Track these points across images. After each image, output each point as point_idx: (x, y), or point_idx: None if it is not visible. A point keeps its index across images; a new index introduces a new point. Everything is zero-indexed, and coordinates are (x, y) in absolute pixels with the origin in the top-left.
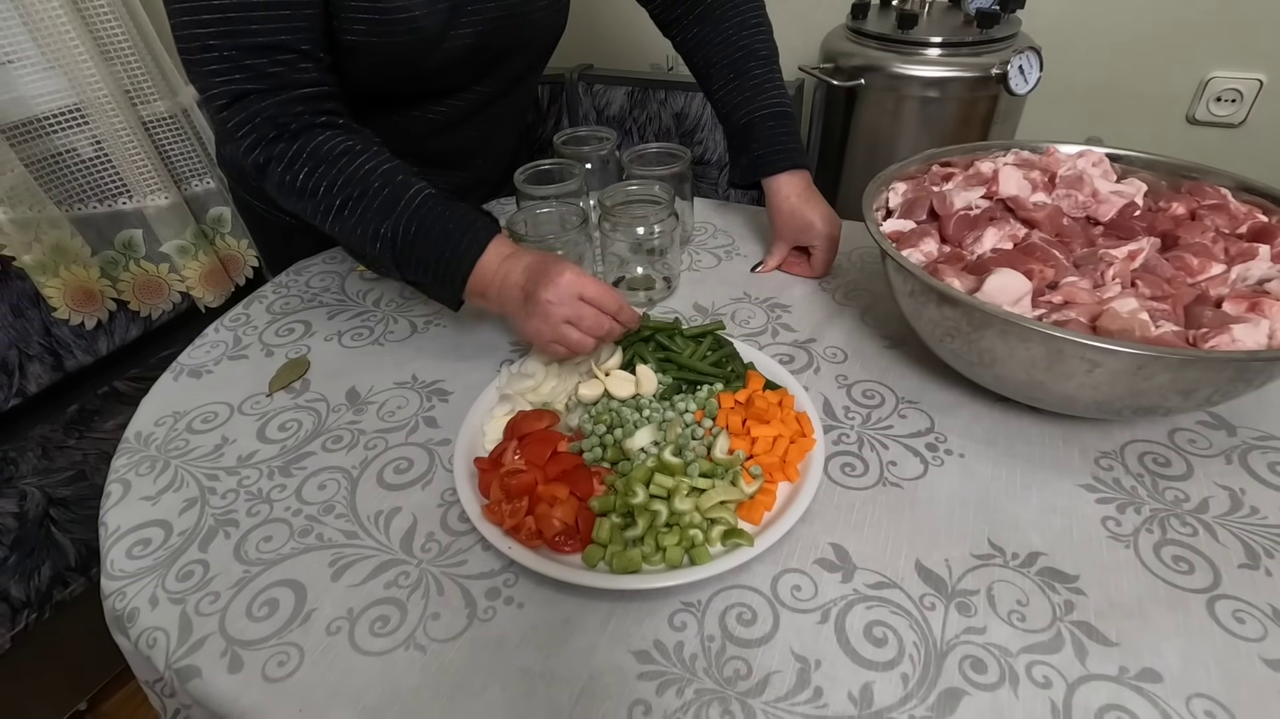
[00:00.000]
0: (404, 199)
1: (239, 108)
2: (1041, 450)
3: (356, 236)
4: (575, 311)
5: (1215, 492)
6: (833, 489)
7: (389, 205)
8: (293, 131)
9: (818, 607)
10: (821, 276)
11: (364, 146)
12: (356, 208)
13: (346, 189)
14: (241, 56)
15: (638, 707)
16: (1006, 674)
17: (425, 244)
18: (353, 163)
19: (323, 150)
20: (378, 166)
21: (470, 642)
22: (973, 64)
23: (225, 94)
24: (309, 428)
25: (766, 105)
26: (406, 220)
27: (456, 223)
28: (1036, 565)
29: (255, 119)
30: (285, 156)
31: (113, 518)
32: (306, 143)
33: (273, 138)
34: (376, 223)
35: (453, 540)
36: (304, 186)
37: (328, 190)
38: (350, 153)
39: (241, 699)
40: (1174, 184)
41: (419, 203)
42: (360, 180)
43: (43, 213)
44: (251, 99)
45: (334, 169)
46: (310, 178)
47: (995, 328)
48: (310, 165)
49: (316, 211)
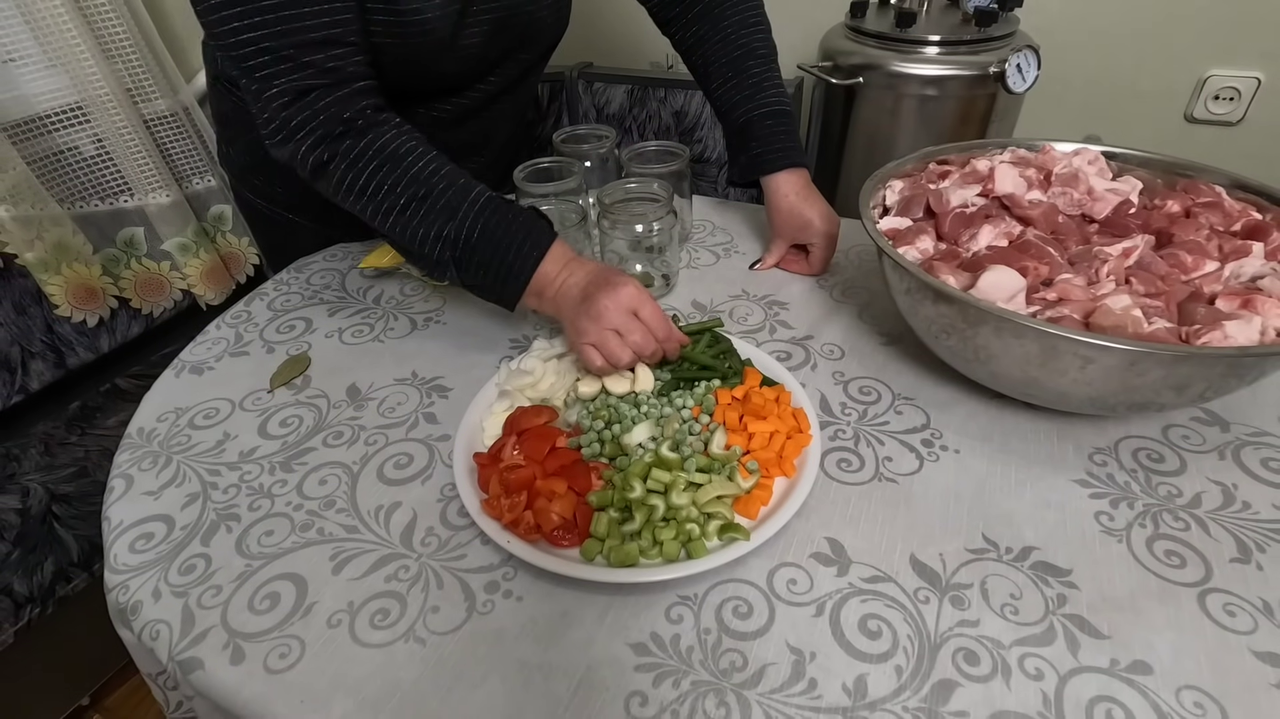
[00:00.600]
0: (468, 201)
1: (303, 105)
2: (1036, 446)
3: (418, 237)
4: (626, 324)
5: (1208, 487)
6: (829, 484)
7: (453, 206)
8: (359, 128)
9: (813, 600)
10: (819, 274)
11: (425, 147)
12: (420, 208)
13: (411, 188)
14: (300, 54)
15: (634, 698)
16: (999, 666)
17: (488, 246)
18: (417, 163)
19: (389, 149)
20: (440, 168)
21: (469, 634)
22: (971, 62)
23: (289, 90)
24: (310, 424)
25: (765, 104)
26: (471, 222)
27: (520, 225)
28: (1030, 559)
29: (320, 115)
30: (351, 154)
31: (116, 512)
32: (374, 140)
33: (339, 134)
34: (441, 223)
35: (452, 535)
36: (367, 185)
37: (391, 189)
38: (414, 153)
39: (243, 691)
40: (1169, 182)
41: (482, 204)
42: (425, 180)
43: (44, 211)
44: (314, 96)
45: (399, 168)
46: (375, 176)
47: (990, 324)
48: (377, 163)
49: (378, 211)
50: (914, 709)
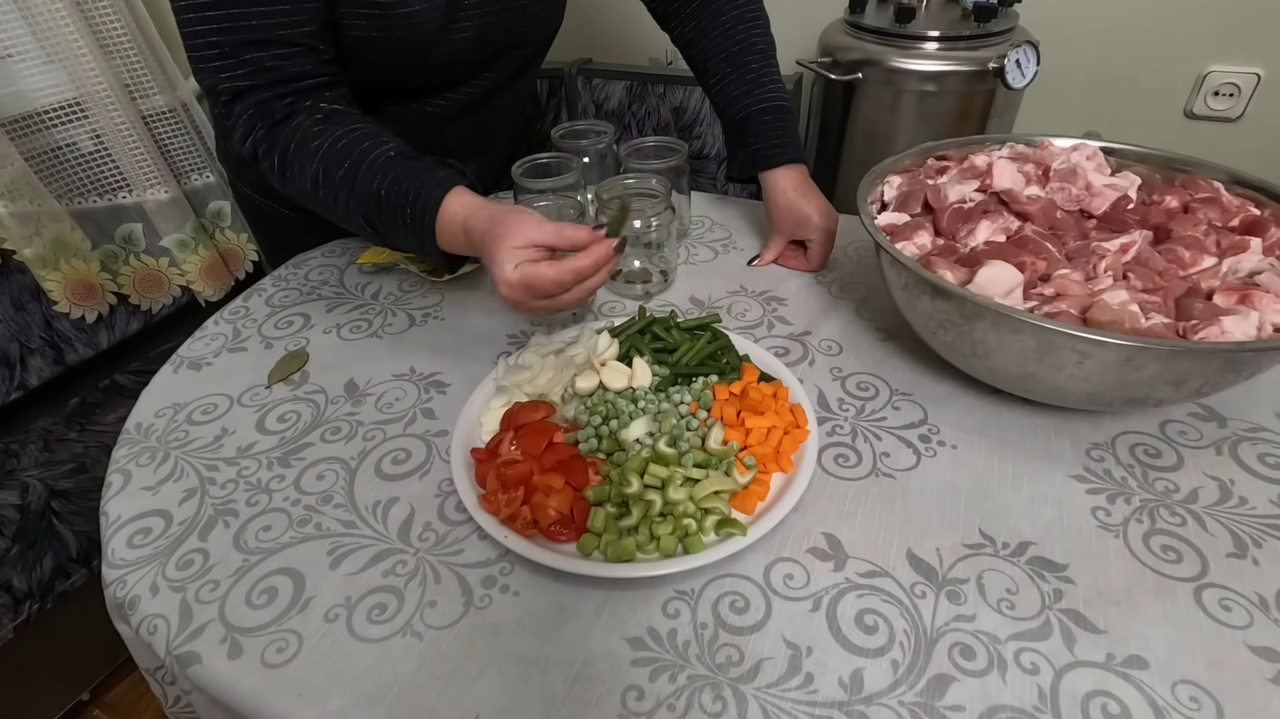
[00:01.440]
0: (361, 168)
1: (237, 102)
2: (1033, 442)
3: (339, 214)
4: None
5: (1205, 482)
6: (826, 480)
7: (351, 176)
8: (277, 119)
9: (810, 595)
10: (818, 270)
11: (339, 123)
12: (327, 183)
13: (312, 166)
14: (241, 51)
15: (631, 692)
16: (995, 661)
17: (391, 207)
18: (325, 140)
19: (299, 133)
20: (341, 138)
21: (466, 628)
22: (970, 58)
23: (227, 90)
24: (308, 419)
25: (764, 99)
26: (374, 186)
27: (415, 178)
28: (1026, 555)
29: (249, 111)
30: (264, 144)
31: (114, 507)
32: (284, 128)
33: (258, 127)
34: (346, 194)
35: (449, 530)
36: (283, 171)
37: (299, 171)
38: (317, 128)
39: (241, 685)
40: (1168, 177)
41: (380, 164)
42: (326, 154)
43: (43, 206)
44: (250, 94)
45: (303, 148)
46: (284, 160)
47: (987, 320)
48: (283, 149)
49: (305, 195)
50: (910, 703)
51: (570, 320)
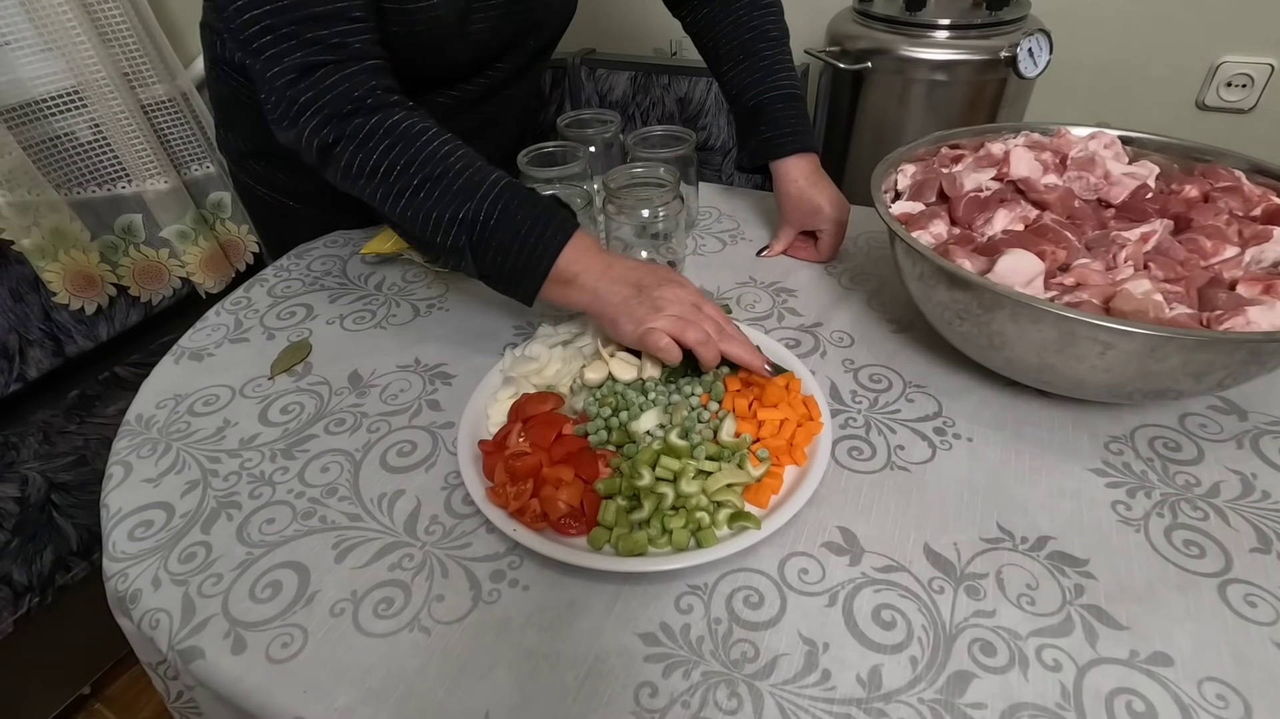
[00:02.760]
0: (488, 182)
1: (309, 84)
2: (1050, 435)
3: (432, 219)
4: (693, 314)
5: (1226, 476)
6: (840, 473)
7: (470, 187)
8: (369, 107)
9: (825, 590)
10: (828, 261)
11: (439, 128)
12: (434, 189)
13: (426, 168)
14: (303, 30)
15: (644, 688)
16: (1016, 657)
17: (508, 228)
18: (431, 143)
19: (401, 128)
20: (457, 149)
21: (475, 624)
22: (981, 46)
23: (293, 68)
24: (311, 411)
25: (776, 87)
26: (491, 203)
27: (543, 210)
28: (1046, 549)
29: (328, 95)
30: (360, 133)
31: (114, 500)
32: (385, 119)
33: (347, 113)
34: (457, 205)
35: (457, 523)
36: (378, 165)
37: (404, 170)
38: (428, 133)
39: (245, 680)
40: (1186, 167)
41: (502, 187)
42: (440, 160)
43: (41, 196)
44: (321, 73)
45: (412, 148)
46: (387, 156)
47: (1006, 309)
48: (389, 142)
49: (389, 193)
50: (930, 701)
51: None
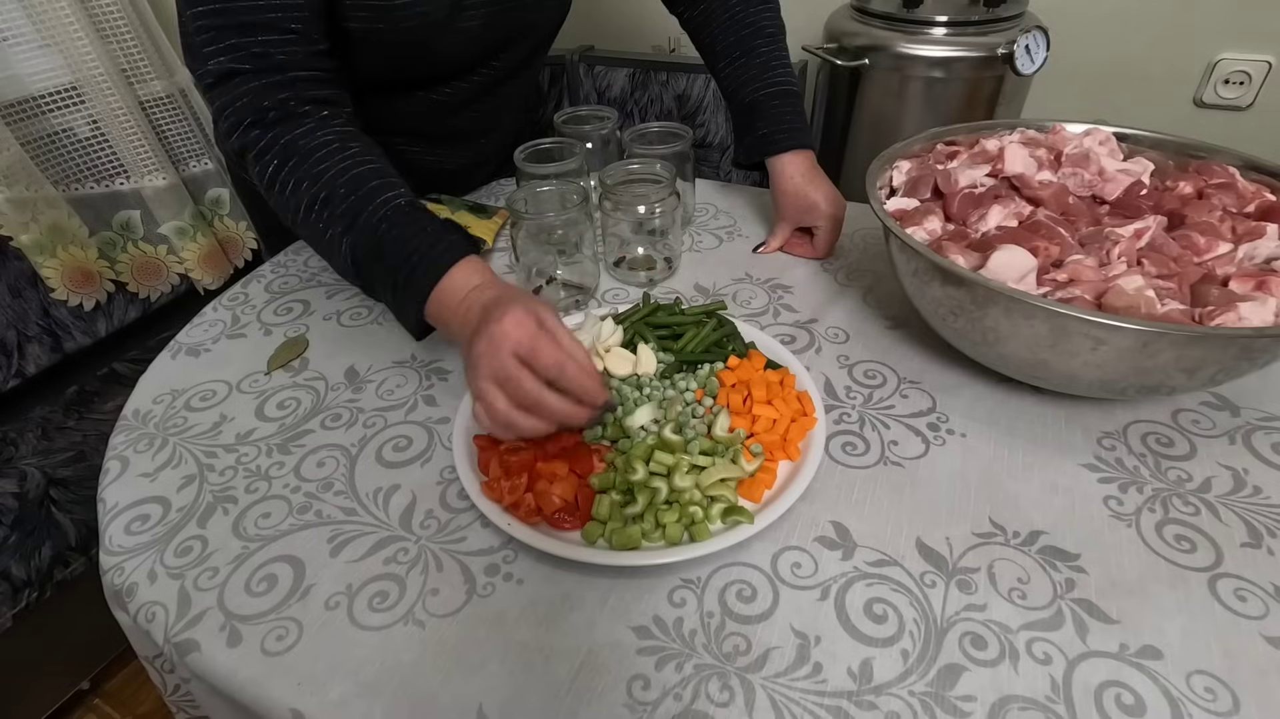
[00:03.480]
0: (370, 208)
1: (224, 89)
2: (1044, 430)
3: (323, 244)
4: (504, 371)
5: (1218, 471)
6: (834, 468)
7: (353, 212)
8: (270, 120)
9: (818, 584)
10: (824, 257)
11: (342, 144)
12: (323, 211)
13: (313, 189)
14: (229, 34)
15: (637, 681)
16: (1007, 651)
17: (385, 262)
18: (324, 161)
19: (297, 144)
20: (351, 168)
21: (469, 617)
22: (979, 44)
23: (212, 73)
24: (308, 406)
25: (772, 84)
26: (370, 231)
27: (422, 239)
28: (1038, 544)
29: (237, 102)
30: (258, 145)
31: (111, 494)
32: (282, 133)
33: (249, 123)
34: (339, 230)
35: (452, 518)
36: (274, 180)
37: (295, 188)
38: (325, 149)
39: (240, 673)
40: (1181, 163)
41: (385, 214)
42: (328, 181)
43: (39, 192)
44: (237, 80)
45: (304, 165)
46: (280, 172)
47: (999, 305)
48: (280, 158)
49: (285, 210)
50: (920, 693)
51: (573, 308)
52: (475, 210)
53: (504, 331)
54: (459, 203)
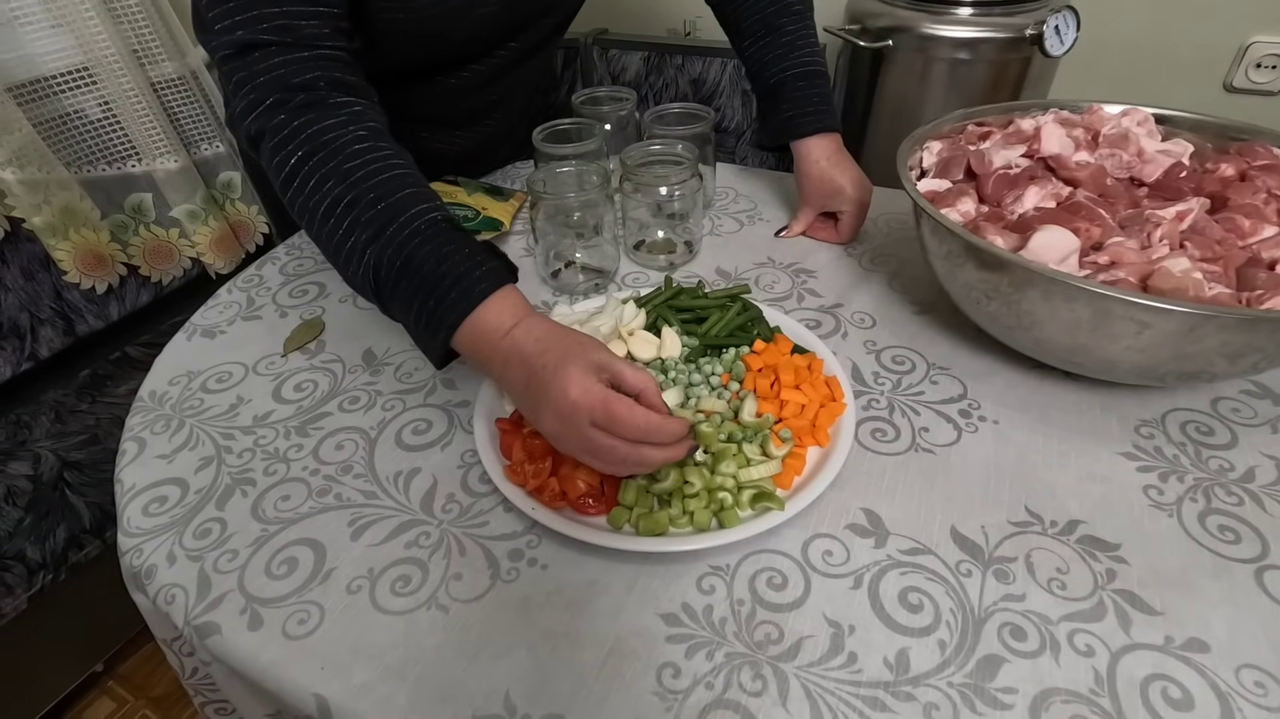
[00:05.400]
0: (402, 218)
1: (245, 62)
2: (1078, 418)
3: (342, 251)
4: (591, 445)
5: (1261, 461)
6: (863, 455)
7: (382, 221)
8: (298, 105)
9: (850, 572)
10: (848, 243)
11: (374, 144)
12: (345, 216)
13: (338, 189)
14: (253, 5)
15: (667, 669)
16: (1048, 642)
17: (413, 279)
18: (354, 159)
19: (325, 136)
20: (381, 171)
21: (494, 602)
22: (1006, 24)
23: (231, 43)
24: (325, 388)
25: (798, 64)
26: (400, 245)
27: (457, 260)
28: (1076, 534)
29: (260, 77)
30: (281, 132)
31: (128, 475)
32: (310, 122)
33: (272, 104)
34: (364, 238)
35: (474, 502)
36: (295, 173)
37: (318, 185)
38: (356, 145)
39: (261, 656)
40: (1220, 146)
41: (419, 226)
42: (356, 183)
43: (51, 174)
44: (258, 54)
45: (331, 161)
46: (304, 165)
47: (1039, 288)
48: (306, 151)
49: (303, 209)
50: (959, 685)
51: (592, 291)
52: (491, 193)
53: (573, 405)
54: (475, 185)
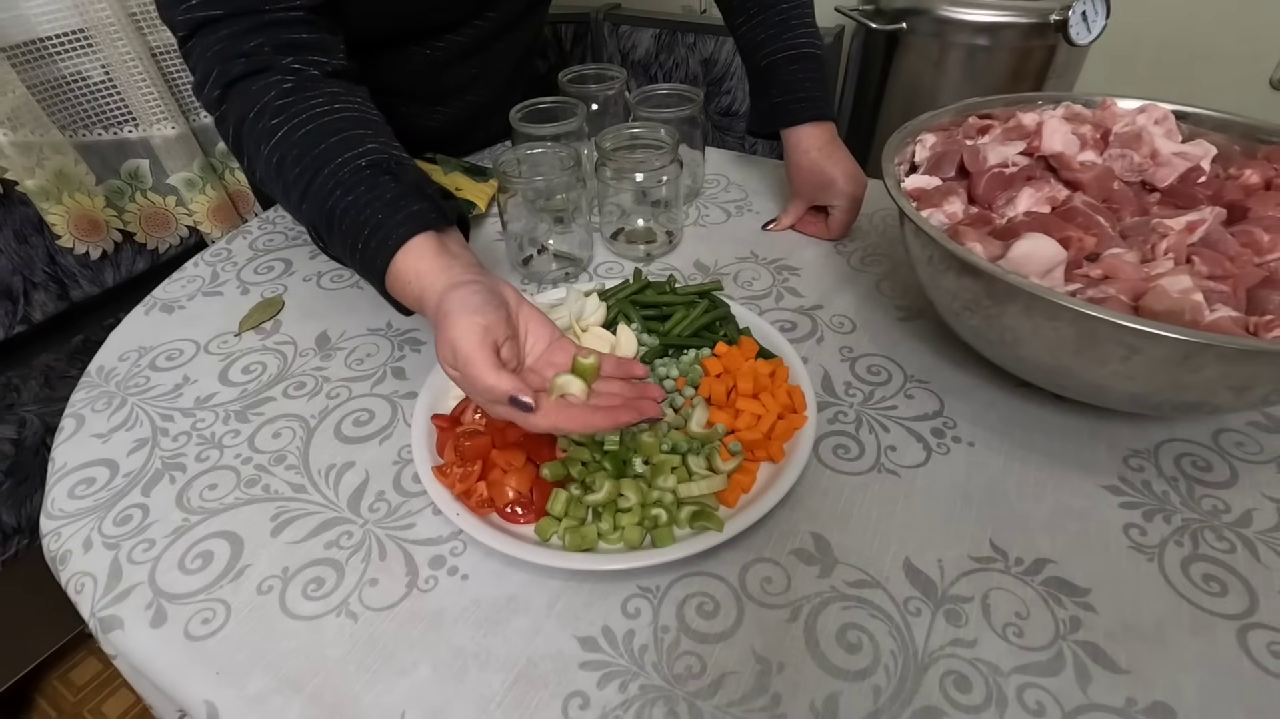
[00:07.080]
0: (326, 170)
1: (195, 42)
2: (1063, 444)
3: (292, 213)
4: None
5: (1261, 503)
6: (821, 472)
7: (308, 176)
8: (237, 73)
9: (788, 603)
10: (839, 239)
11: (300, 95)
12: (279, 177)
13: (268, 150)
14: None
15: (575, 699)
16: (994, 696)
17: (341, 235)
18: (279, 115)
19: (260, 98)
20: (307, 122)
21: (406, 612)
22: (1030, 8)
23: (185, 23)
24: (273, 372)
25: (792, 45)
26: (324, 199)
27: (375, 210)
28: (1042, 574)
29: (208, 52)
30: (220, 107)
31: (61, 454)
32: (246, 86)
33: (214, 79)
34: (299, 196)
35: (403, 502)
36: (237, 148)
37: (255, 149)
38: (281, 99)
39: (160, 656)
40: (1249, 149)
41: (341, 177)
42: (281, 140)
43: (45, 137)
44: (206, 29)
45: (259, 123)
46: (239, 134)
47: (1019, 302)
48: (237, 118)
49: (257, 176)
50: None
51: (563, 280)
52: (471, 173)
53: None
54: (454, 164)
